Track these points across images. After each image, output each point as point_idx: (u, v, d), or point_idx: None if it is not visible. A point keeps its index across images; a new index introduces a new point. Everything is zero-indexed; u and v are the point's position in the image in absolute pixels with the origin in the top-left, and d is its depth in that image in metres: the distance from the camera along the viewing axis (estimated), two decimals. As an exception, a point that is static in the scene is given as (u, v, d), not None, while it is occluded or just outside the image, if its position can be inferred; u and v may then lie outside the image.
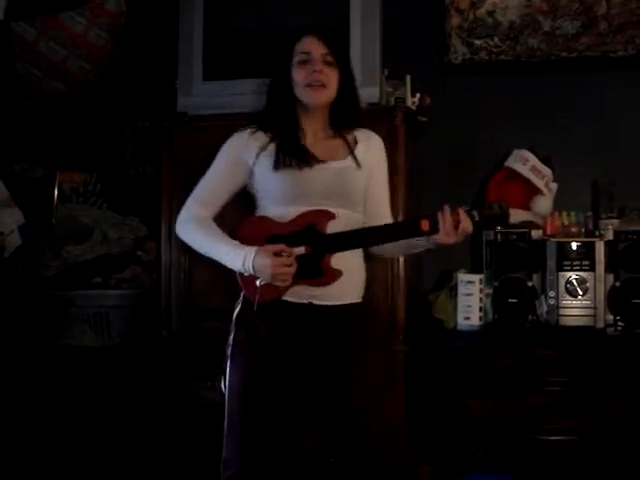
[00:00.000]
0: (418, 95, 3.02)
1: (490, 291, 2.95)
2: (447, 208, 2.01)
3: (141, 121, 3.63)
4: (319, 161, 2.08)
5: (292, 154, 2.06)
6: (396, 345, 2.78)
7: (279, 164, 2.06)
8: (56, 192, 3.62)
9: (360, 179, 2.13)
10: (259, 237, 2.04)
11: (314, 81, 2.07)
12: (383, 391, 2.09)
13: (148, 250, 3.46)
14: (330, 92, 2.10)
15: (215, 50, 2.98)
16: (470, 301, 2.94)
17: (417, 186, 3.12)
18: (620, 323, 2.82)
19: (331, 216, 2.03)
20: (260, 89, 2.88)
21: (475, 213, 2.04)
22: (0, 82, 3.33)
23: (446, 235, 1.99)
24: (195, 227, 2.11)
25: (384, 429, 2.02)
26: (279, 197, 2.08)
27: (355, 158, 2.12)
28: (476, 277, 2.95)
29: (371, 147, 2.19)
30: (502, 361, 2.74)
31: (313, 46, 2.09)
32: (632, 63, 3.11)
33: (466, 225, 2.01)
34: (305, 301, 2.04)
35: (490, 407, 2.71)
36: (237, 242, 2.05)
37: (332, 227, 2.04)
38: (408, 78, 2.97)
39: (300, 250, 2.01)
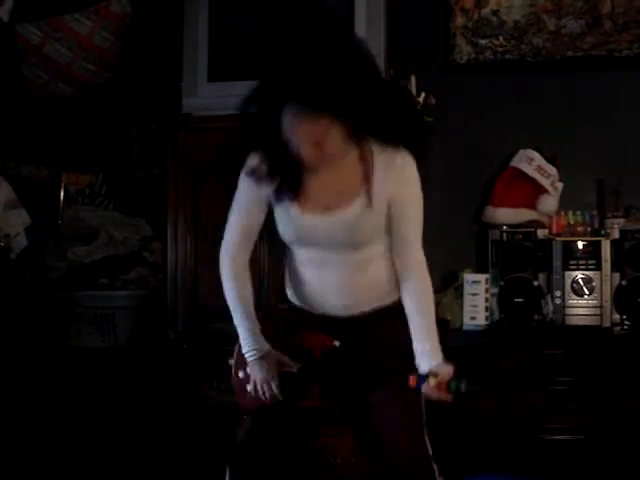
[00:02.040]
0: (423, 95, 3.02)
1: (496, 291, 2.94)
2: (437, 378, 1.84)
3: (147, 123, 3.63)
4: (323, 211, 1.91)
5: (291, 202, 1.92)
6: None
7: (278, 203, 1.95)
8: (62, 193, 3.63)
9: (373, 219, 1.91)
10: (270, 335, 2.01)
11: (307, 143, 1.79)
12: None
13: (154, 251, 3.46)
14: (331, 147, 1.80)
15: (220, 51, 2.99)
16: (476, 301, 2.94)
17: (422, 186, 3.11)
18: (626, 322, 2.81)
19: (328, 345, 1.96)
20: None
21: (462, 386, 1.85)
22: (6, 84, 3.33)
23: (430, 395, 1.87)
24: (231, 286, 2.04)
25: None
26: (287, 238, 2.00)
27: (368, 195, 1.88)
28: (482, 277, 2.95)
29: (390, 179, 1.90)
30: (508, 361, 2.73)
31: (301, 133, 1.77)
32: (637, 62, 3.11)
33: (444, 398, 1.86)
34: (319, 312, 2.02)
35: (496, 407, 2.71)
36: (257, 324, 2.00)
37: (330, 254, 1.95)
38: (413, 78, 2.97)
39: (292, 369, 1.96)
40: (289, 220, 1.94)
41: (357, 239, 1.94)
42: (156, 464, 2.97)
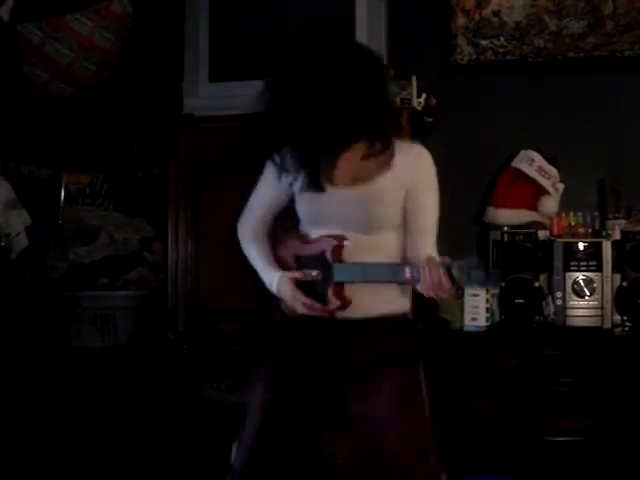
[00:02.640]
0: (424, 95, 3.01)
1: (497, 292, 2.94)
2: (432, 261, 1.87)
3: (148, 123, 3.63)
4: (336, 186, 2.00)
5: (308, 177, 2.01)
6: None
7: (302, 187, 2.04)
8: (62, 193, 3.63)
9: (389, 203, 2.01)
10: (288, 254, 2.12)
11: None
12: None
13: (154, 251, 3.46)
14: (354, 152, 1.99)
15: (221, 51, 2.99)
16: (477, 302, 2.93)
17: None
18: (627, 323, 2.81)
19: (338, 245, 1.99)
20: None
21: (454, 269, 1.85)
22: (7, 84, 3.33)
23: (429, 289, 1.87)
24: (250, 243, 2.20)
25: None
26: (302, 218, 2.11)
27: (385, 179, 2.00)
28: (483, 278, 2.95)
29: (410, 165, 2.03)
30: (509, 362, 2.73)
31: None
32: (639, 63, 3.10)
33: (444, 282, 1.85)
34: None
35: (497, 408, 2.70)
36: (271, 261, 2.13)
37: (344, 253, 2.01)
38: (414, 79, 2.97)
39: (312, 275, 2.04)
40: (313, 197, 2.02)
41: (373, 216, 2.00)
42: (157, 464, 2.97)
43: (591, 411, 2.65)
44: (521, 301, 2.90)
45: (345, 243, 2.00)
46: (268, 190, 2.15)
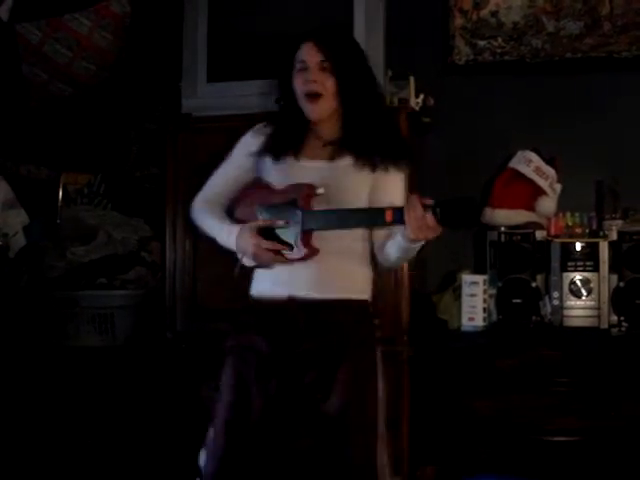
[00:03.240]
0: (422, 96, 3.02)
1: (494, 292, 2.94)
2: (414, 200, 1.85)
3: (147, 123, 3.63)
4: (311, 158, 2.07)
5: (278, 145, 2.08)
6: (400, 346, 2.78)
7: (267, 153, 2.10)
8: (61, 193, 3.63)
9: (358, 181, 2.05)
10: (252, 213, 2.08)
11: (309, 91, 2.03)
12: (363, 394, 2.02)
13: (152, 251, 3.46)
14: (327, 102, 2.04)
15: (219, 51, 2.99)
16: (474, 302, 2.94)
17: (420, 187, 3.11)
18: (624, 323, 2.81)
19: (312, 191, 1.98)
20: (265, 90, 2.91)
21: (437, 210, 1.84)
22: (6, 84, 3.34)
23: (417, 230, 1.85)
24: (200, 208, 2.21)
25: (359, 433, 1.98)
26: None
27: (358, 158, 2.04)
28: (480, 278, 2.96)
29: (386, 178, 2.08)
30: (506, 362, 2.74)
31: (310, 54, 2.04)
32: (636, 63, 3.11)
33: (429, 221, 1.84)
34: (284, 294, 2.02)
35: (494, 408, 2.71)
36: (227, 221, 2.12)
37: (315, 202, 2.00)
38: (411, 79, 2.97)
39: (279, 223, 2.00)
40: (283, 171, 2.06)
41: (341, 196, 2.01)
42: (155, 464, 2.98)
43: (589, 411, 2.65)
44: (518, 301, 2.90)
45: (319, 191, 1.98)
46: (231, 169, 2.19)
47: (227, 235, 2.08)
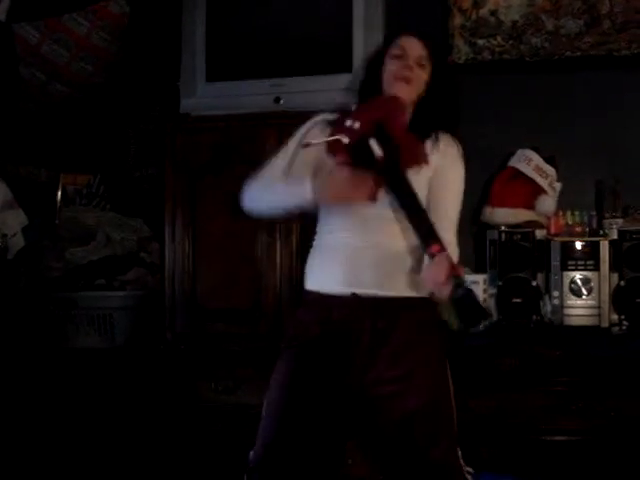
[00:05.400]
0: (421, 95, 3.01)
1: (494, 291, 2.93)
2: (444, 261, 1.87)
3: (145, 123, 3.63)
4: None
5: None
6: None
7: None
8: (59, 194, 3.63)
9: (418, 180, 2.04)
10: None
11: (404, 76, 2.10)
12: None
13: (151, 252, 3.46)
14: (414, 90, 2.12)
15: (218, 51, 2.98)
16: (474, 301, 2.93)
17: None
18: (625, 322, 2.81)
19: (402, 109, 2.03)
20: (263, 90, 2.90)
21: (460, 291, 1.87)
22: (4, 85, 3.33)
23: (429, 281, 1.91)
24: (257, 184, 2.11)
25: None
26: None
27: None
28: (480, 277, 2.94)
29: (444, 152, 2.16)
30: (506, 361, 2.73)
31: (412, 47, 2.13)
32: (636, 62, 3.10)
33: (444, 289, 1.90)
34: (347, 292, 2.02)
35: (494, 407, 2.70)
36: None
37: (371, 209, 1.98)
38: (411, 78, 2.96)
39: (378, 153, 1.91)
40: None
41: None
42: (154, 465, 2.97)
43: (589, 410, 2.65)
44: (518, 300, 2.89)
45: None
46: (285, 159, 2.11)
47: (300, 185, 1.98)
